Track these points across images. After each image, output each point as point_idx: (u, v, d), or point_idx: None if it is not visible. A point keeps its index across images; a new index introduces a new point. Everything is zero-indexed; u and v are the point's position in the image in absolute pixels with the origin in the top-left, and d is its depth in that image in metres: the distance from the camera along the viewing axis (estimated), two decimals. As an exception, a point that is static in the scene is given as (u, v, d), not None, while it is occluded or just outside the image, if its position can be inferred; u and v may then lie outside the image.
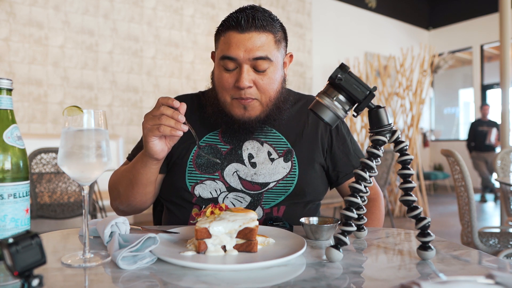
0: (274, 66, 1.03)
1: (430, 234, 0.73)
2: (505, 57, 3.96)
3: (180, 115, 0.89)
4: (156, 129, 0.89)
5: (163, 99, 0.90)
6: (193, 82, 5.16)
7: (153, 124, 0.90)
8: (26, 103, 4.06)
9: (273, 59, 1.02)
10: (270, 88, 1.04)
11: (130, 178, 1.04)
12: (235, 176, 1.07)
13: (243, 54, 0.99)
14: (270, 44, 1.01)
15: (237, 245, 0.75)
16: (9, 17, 3.96)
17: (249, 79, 1.00)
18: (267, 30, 1.01)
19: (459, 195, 2.34)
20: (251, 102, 1.03)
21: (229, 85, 1.03)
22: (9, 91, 0.74)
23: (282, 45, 1.07)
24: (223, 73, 1.03)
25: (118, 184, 1.09)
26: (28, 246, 0.47)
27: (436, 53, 6.06)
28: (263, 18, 1.01)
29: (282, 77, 1.08)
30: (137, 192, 1.05)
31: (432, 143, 8.73)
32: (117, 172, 1.13)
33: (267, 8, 5.66)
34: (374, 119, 0.76)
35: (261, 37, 1.00)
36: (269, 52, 1.01)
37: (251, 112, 1.05)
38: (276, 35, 1.04)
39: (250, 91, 1.02)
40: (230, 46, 1.00)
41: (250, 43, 0.99)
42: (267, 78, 1.02)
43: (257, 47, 0.99)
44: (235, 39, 1.00)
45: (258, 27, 0.99)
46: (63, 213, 2.91)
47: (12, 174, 0.72)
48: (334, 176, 1.16)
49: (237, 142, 1.10)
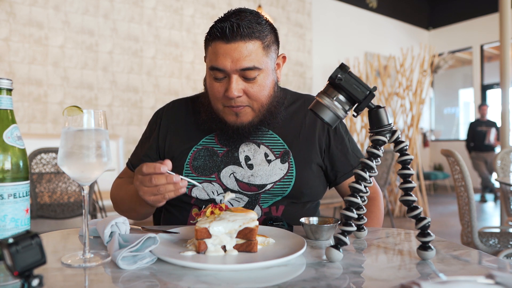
0: (264, 73, 1.01)
1: (430, 234, 0.73)
2: (505, 57, 3.96)
3: (174, 177, 0.84)
4: (161, 198, 0.86)
5: (148, 168, 0.84)
6: (193, 82, 5.16)
7: (155, 196, 0.86)
8: (26, 103, 4.06)
9: (262, 66, 1.00)
10: (261, 95, 1.03)
11: (131, 207, 1.06)
12: (232, 178, 1.07)
13: (230, 65, 0.97)
14: (258, 52, 0.99)
15: (237, 245, 0.75)
16: (9, 17, 3.96)
17: (238, 89, 0.99)
18: (254, 38, 0.98)
19: (459, 195, 2.34)
20: (242, 109, 1.03)
21: (219, 94, 1.02)
22: (9, 91, 0.74)
23: (272, 49, 1.04)
24: (213, 82, 1.03)
25: (120, 203, 1.13)
26: (28, 246, 0.47)
27: (436, 53, 6.06)
28: (248, 26, 0.97)
29: (273, 81, 1.06)
30: (139, 214, 1.08)
31: (432, 143, 8.73)
32: (118, 188, 1.15)
33: (267, 8, 5.59)
34: (374, 119, 0.76)
35: (248, 46, 0.97)
36: (256, 61, 0.98)
37: (243, 118, 1.04)
38: (265, 40, 1.00)
39: (241, 99, 1.01)
40: (217, 57, 0.98)
41: (237, 53, 0.96)
42: (257, 86, 1.01)
43: (244, 57, 0.97)
44: (221, 49, 0.98)
45: (244, 35, 0.96)
46: (63, 213, 2.91)
47: (12, 174, 0.72)
48: (333, 176, 1.16)
49: (233, 144, 1.09)
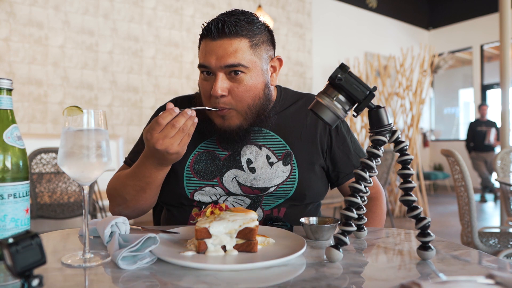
0: (251, 72, 1.00)
1: (430, 234, 0.73)
2: (505, 57, 3.96)
3: (187, 111, 0.90)
4: (187, 138, 0.91)
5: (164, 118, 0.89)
6: (193, 82, 5.16)
7: (181, 139, 0.90)
8: (26, 103, 4.06)
9: (249, 65, 0.99)
10: (247, 96, 1.00)
11: (141, 185, 1.01)
12: (234, 182, 1.06)
13: (215, 62, 0.97)
14: (244, 49, 0.98)
15: (237, 245, 0.75)
16: (9, 17, 3.96)
17: (223, 87, 0.98)
18: (240, 35, 0.98)
19: (459, 195, 2.34)
20: (227, 112, 1.01)
21: (207, 93, 1.02)
22: (9, 91, 0.74)
23: (263, 49, 1.02)
24: (202, 82, 1.03)
25: (123, 191, 1.05)
26: (28, 246, 0.47)
27: (436, 53, 6.06)
28: (235, 24, 0.97)
29: (263, 83, 1.03)
30: (149, 195, 1.03)
31: (432, 143, 8.73)
32: (119, 178, 1.08)
33: (267, 8, 5.59)
34: (374, 119, 0.76)
35: (233, 44, 0.97)
36: (242, 58, 0.97)
37: (230, 121, 1.02)
38: (253, 39, 0.99)
39: (224, 100, 0.99)
40: (204, 54, 0.99)
41: (221, 50, 0.97)
42: (243, 86, 0.99)
43: (229, 54, 0.97)
44: (208, 47, 0.99)
45: (230, 33, 0.97)
46: (63, 213, 2.91)
47: (12, 174, 0.72)
48: (335, 176, 1.15)
49: (235, 147, 1.08)
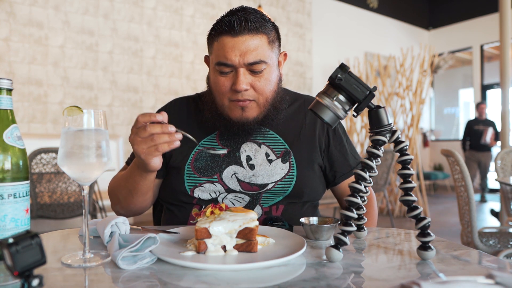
0: (269, 67, 1.03)
1: (430, 234, 0.73)
2: (505, 57, 3.96)
3: (169, 127, 0.83)
4: (154, 150, 0.85)
5: (143, 116, 0.85)
6: (193, 82, 5.16)
7: (149, 147, 0.85)
8: (26, 103, 4.06)
9: (268, 60, 1.02)
10: (267, 89, 1.04)
11: (128, 188, 1.04)
12: (234, 178, 1.07)
13: (238, 59, 0.98)
14: (264, 45, 1.01)
15: (237, 245, 0.75)
16: (9, 17, 3.96)
17: (246, 82, 1.00)
18: (261, 32, 1.00)
19: (459, 195, 2.34)
20: (248, 104, 1.03)
21: (226, 88, 1.02)
22: (9, 91, 0.74)
23: (276, 44, 1.07)
24: (219, 77, 1.03)
25: (117, 191, 1.10)
26: (28, 246, 0.47)
27: (436, 53, 6.06)
28: (255, 20, 1.00)
29: (277, 77, 1.08)
30: (137, 200, 1.07)
31: (432, 143, 8.73)
32: (116, 178, 1.14)
33: (267, 8, 5.60)
34: (374, 119, 0.76)
35: (255, 40, 0.99)
36: (263, 54, 1.00)
37: (248, 113, 1.05)
38: (270, 35, 1.03)
39: (248, 93, 1.02)
40: (225, 51, 0.99)
41: (245, 46, 0.98)
42: (264, 80, 1.02)
43: (251, 50, 0.98)
44: (229, 43, 0.99)
45: (251, 29, 0.99)
46: (63, 213, 2.91)
47: (12, 174, 0.72)
48: (331, 176, 1.16)
49: (234, 144, 1.10)
